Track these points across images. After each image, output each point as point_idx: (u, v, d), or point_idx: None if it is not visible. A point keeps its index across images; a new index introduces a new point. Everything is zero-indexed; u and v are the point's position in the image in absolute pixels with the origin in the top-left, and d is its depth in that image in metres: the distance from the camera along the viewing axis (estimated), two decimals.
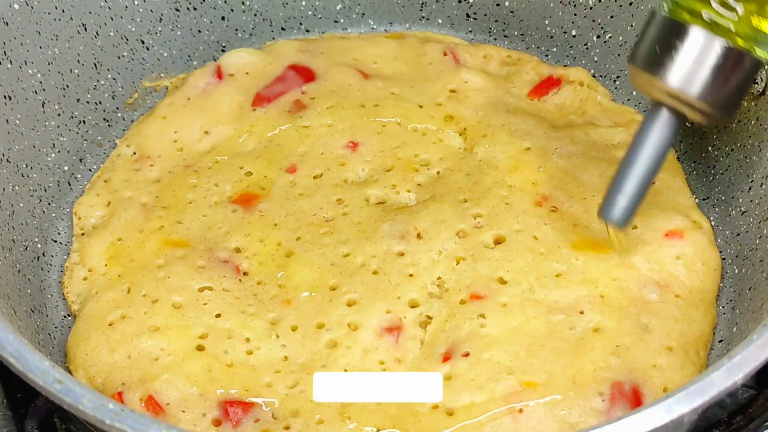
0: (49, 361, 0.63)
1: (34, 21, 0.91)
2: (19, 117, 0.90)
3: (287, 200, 0.92)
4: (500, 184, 0.93)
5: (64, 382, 0.61)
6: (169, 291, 0.84)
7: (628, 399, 0.77)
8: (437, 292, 0.85)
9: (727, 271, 0.91)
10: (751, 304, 0.84)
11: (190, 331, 0.82)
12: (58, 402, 0.61)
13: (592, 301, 0.83)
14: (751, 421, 0.81)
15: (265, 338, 0.82)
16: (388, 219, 0.90)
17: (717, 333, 0.87)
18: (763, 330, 0.65)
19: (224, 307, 0.84)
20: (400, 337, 0.82)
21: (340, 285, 0.85)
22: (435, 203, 0.91)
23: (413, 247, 0.87)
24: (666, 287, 0.85)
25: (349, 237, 0.88)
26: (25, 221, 0.90)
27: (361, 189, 0.93)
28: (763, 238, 0.86)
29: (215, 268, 0.86)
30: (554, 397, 0.77)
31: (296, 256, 0.87)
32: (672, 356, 0.80)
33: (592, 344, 0.80)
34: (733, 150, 0.93)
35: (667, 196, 0.93)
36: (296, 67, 1.03)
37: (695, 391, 0.61)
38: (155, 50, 1.05)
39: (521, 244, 0.87)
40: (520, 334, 0.81)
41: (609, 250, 0.86)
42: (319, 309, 0.83)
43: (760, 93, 0.88)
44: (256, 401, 0.78)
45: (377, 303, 0.83)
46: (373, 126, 0.98)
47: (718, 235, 0.93)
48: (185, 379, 0.78)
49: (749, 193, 0.90)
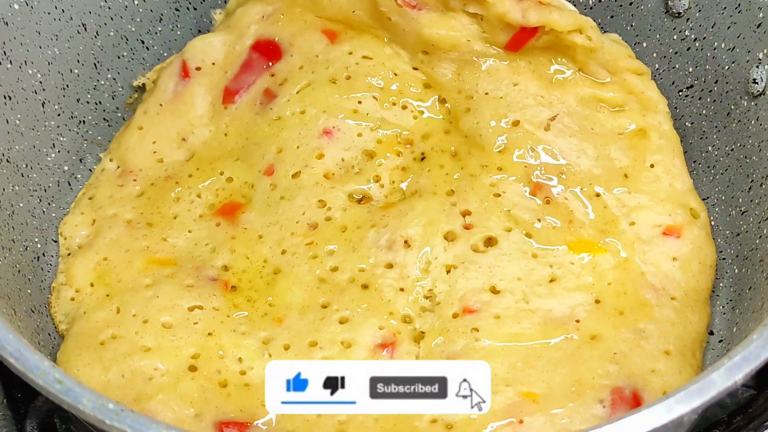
0: (49, 361, 0.63)
1: (33, 21, 0.91)
2: (19, 117, 0.90)
3: (268, 207, 0.89)
4: (489, 167, 0.89)
5: (64, 382, 0.61)
6: (159, 310, 0.83)
7: (628, 404, 0.77)
8: (429, 306, 0.83)
9: (727, 271, 0.91)
10: (751, 304, 0.84)
11: (182, 351, 0.80)
12: (58, 402, 0.61)
13: (587, 309, 0.82)
14: (751, 421, 0.80)
15: (258, 357, 0.80)
16: (374, 223, 0.86)
17: (717, 333, 0.87)
18: (762, 330, 0.65)
19: (215, 326, 0.82)
20: (395, 353, 0.80)
21: (330, 302, 0.83)
22: (421, 201, 0.87)
23: (401, 258, 0.84)
24: (662, 290, 0.85)
25: (335, 248, 0.86)
26: (24, 221, 0.90)
27: (342, 185, 0.89)
28: (763, 238, 0.86)
29: (204, 286, 0.85)
30: (554, 408, 0.76)
31: (284, 273, 0.85)
32: (670, 360, 0.80)
33: (589, 353, 0.79)
34: (733, 150, 0.92)
35: (665, 181, 0.90)
36: (260, 44, 0.97)
37: (695, 391, 0.61)
38: (155, 50, 1.05)
39: (513, 247, 0.85)
40: (516, 345, 0.80)
41: (605, 251, 0.85)
42: (311, 327, 0.82)
43: (760, 93, 0.88)
44: (252, 422, 0.76)
45: (370, 320, 0.81)
46: (348, 104, 0.93)
47: (718, 234, 0.93)
48: (180, 400, 0.77)
49: (749, 193, 0.89)
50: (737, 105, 0.91)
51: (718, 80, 0.94)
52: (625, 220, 0.88)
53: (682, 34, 0.97)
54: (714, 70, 0.94)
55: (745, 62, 0.90)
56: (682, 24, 0.97)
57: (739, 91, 0.91)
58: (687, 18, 0.96)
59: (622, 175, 0.90)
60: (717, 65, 0.93)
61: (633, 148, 0.92)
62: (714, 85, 0.94)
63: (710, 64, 0.94)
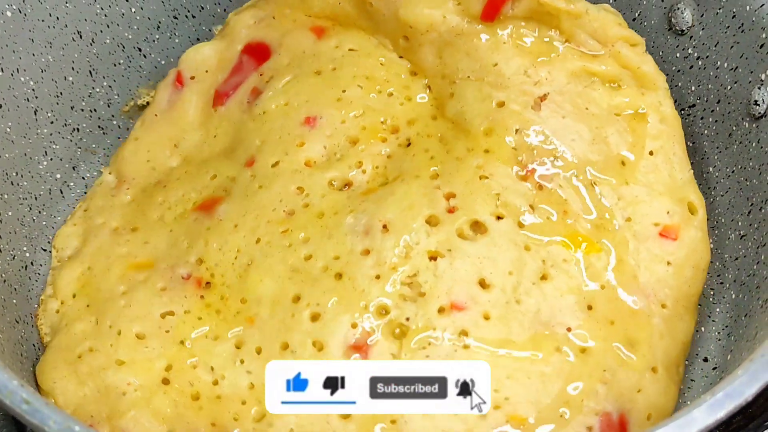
0: (18, 380, 0.62)
1: (27, 28, 0.90)
2: (10, 125, 0.89)
3: (246, 197, 0.86)
4: (475, 150, 0.84)
5: (32, 403, 0.61)
6: (131, 321, 0.82)
7: (615, 430, 0.75)
8: (410, 294, 0.78)
9: (724, 296, 0.89)
10: (746, 332, 0.82)
11: (155, 364, 0.79)
12: (25, 423, 0.61)
13: (579, 315, 0.78)
14: (751, 421, 0.79)
15: (230, 366, 0.79)
16: (352, 209, 0.82)
17: (711, 359, 0.86)
18: (748, 365, 0.64)
19: (186, 333, 0.81)
20: (369, 355, 0.76)
21: (302, 295, 0.79)
22: (403, 185, 0.83)
23: (378, 243, 0.80)
24: (653, 296, 0.82)
25: (310, 235, 0.82)
26: (13, 230, 0.89)
27: (322, 173, 0.86)
28: (761, 265, 0.84)
29: (176, 288, 0.83)
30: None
31: (256, 264, 0.82)
32: (656, 379, 0.78)
33: (579, 370, 0.76)
34: (733, 172, 0.91)
35: (665, 171, 0.86)
36: (250, 47, 0.97)
37: (675, 428, 0.60)
38: (152, 58, 1.04)
39: (505, 237, 0.80)
40: (505, 357, 0.76)
41: (600, 250, 0.82)
42: (281, 326, 0.79)
43: (762, 115, 0.86)
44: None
45: (342, 317, 0.77)
46: (332, 93, 0.90)
47: (717, 258, 0.91)
48: (152, 416, 0.76)
49: (749, 217, 0.88)
50: (739, 126, 0.90)
51: (720, 100, 0.92)
52: (621, 215, 0.84)
53: (685, 52, 0.95)
54: (716, 90, 0.92)
55: (747, 83, 0.88)
56: (685, 42, 0.95)
57: (741, 113, 0.89)
58: (690, 36, 0.94)
59: (620, 162, 0.86)
60: (719, 85, 0.92)
61: (632, 131, 0.87)
62: (716, 105, 0.93)
63: (713, 83, 0.93)
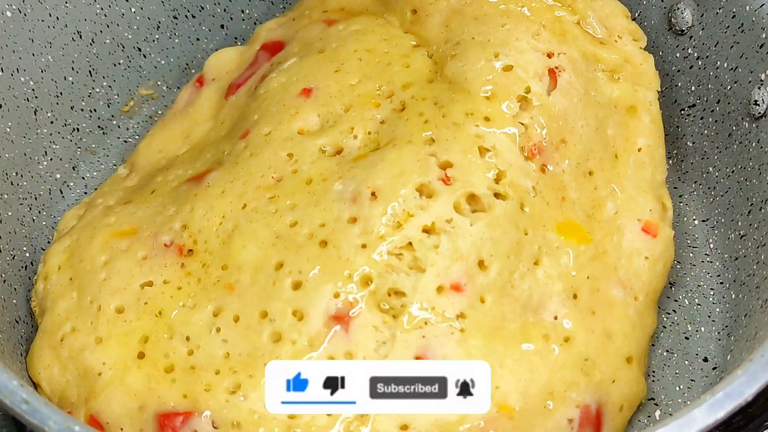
0: (18, 380, 0.62)
1: (27, 28, 0.90)
2: (9, 125, 0.89)
3: (236, 165, 0.84)
4: (474, 116, 0.81)
5: (31, 403, 0.61)
6: (111, 294, 0.80)
7: (592, 424, 0.76)
8: (397, 264, 0.75)
9: (724, 296, 0.89)
10: (745, 332, 0.82)
11: (131, 338, 0.78)
12: (24, 422, 0.61)
13: (566, 303, 0.79)
14: (751, 421, 0.79)
15: (205, 334, 0.76)
16: (341, 175, 0.79)
17: (711, 359, 0.86)
18: (748, 366, 0.64)
19: (165, 303, 0.79)
20: (351, 327, 0.74)
21: (285, 262, 0.77)
22: (394, 150, 0.79)
23: (366, 211, 0.76)
24: (629, 288, 0.83)
25: (297, 201, 0.79)
26: (13, 230, 0.89)
27: (314, 140, 0.83)
28: (761, 264, 0.84)
29: (157, 256, 0.81)
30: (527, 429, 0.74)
31: (240, 229, 0.79)
32: (630, 370, 0.79)
33: (564, 359, 0.77)
34: (733, 172, 0.91)
35: (649, 170, 0.87)
36: (267, 45, 0.97)
37: (675, 428, 0.60)
38: (152, 58, 1.04)
39: (508, 218, 0.78)
40: (497, 342, 0.75)
41: (590, 241, 0.81)
42: (262, 293, 0.76)
43: (761, 115, 0.86)
44: (192, 411, 0.73)
45: (324, 286, 0.75)
46: (331, 67, 0.88)
47: (717, 258, 0.91)
48: (124, 395, 0.75)
49: (748, 217, 0.88)
50: (738, 126, 0.90)
51: (720, 100, 0.92)
52: (611, 207, 0.84)
53: (685, 52, 0.95)
54: (716, 90, 0.92)
55: (747, 83, 0.88)
56: (685, 42, 0.95)
57: (741, 113, 0.89)
58: (690, 36, 0.94)
59: (614, 155, 0.86)
60: (719, 85, 0.92)
61: (625, 125, 0.87)
62: (716, 105, 0.93)
63: (712, 83, 0.93)
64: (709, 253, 0.92)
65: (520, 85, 0.82)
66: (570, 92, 0.84)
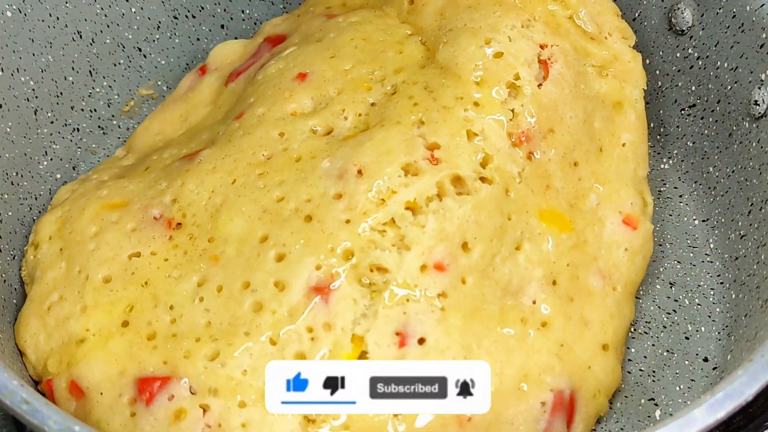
0: (18, 380, 0.62)
1: (27, 28, 0.90)
2: (10, 125, 0.89)
3: (228, 142, 0.86)
4: (464, 100, 0.82)
5: (32, 403, 0.61)
6: (99, 264, 0.81)
7: (565, 409, 0.77)
8: (379, 241, 0.76)
9: (724, 296, 0.89)
10: (746, 332, 0.82)
11: (116, 307, 0.79)
12: (24, 422, 0.61)
13: (544, 289, 0.80)
14: (751, 421, 0.79)
15: (188, 303, 0.77)
16: (330, 153, 0.81)
17: (711, 359, 0.86)
18: (748, 366, 0.64)
19: (151, 274, 0.80)
20: (331, 299, 0.75)
21: (270, 235, 0.78)
22: (382, 131, 0.81)
23: (352, 188, 0.78)
24: (608, 278, 0.84)
25: (285, 177, 0.81)
26: (13, 230, 0.89)
27: (305, 120, 0.85)
28: (761, 264, 0.84)
29: (146, 229, 0.83)
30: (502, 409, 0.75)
31: (228, 203, 0.81)
32: (605, 357, 0.81)
33: (540, 343, 0.78)
34: (734, 172, 0.91)
35: (632, 164, 0.89)
36: (270, 38, 0.99)
37: (675, 428, 0.60)
38: (152, 58, 1.04)
39: (493, 202, 0.79)
40: (476, 322, 0.76)
41: (572, 229, 0.83)
42: (246, 265, 0.77)
43: (762, 115, 0.86)
44: (171, 376, 0.74)
45: (306, 258, 0.76)
46: (327, 54, 0.90)
47: (717, 258, 0.91)
48: (105, 360, 0.76)
49: (749, 217, 0.88)
50: (739, 126, 0.90)
51: (720, 100, 0.92)
52: (594, 198, 0.86)
53: (685, 52, 0.95)
54: (716, 90, 0.92)
55: (747, 83, 0.88)
56: (685, 42, 0.95)
57: (741, 113, 0.89)
58: (690, 36, 0.94)
59: (599, 147, 0.88)
60: (719, 85, 0.92)
61: (611, 120, 0.89)
62: (716, 105, 0.93)
63: (713, 83, 0.93)
64: (710, 253, 0.92)
65: (510, 72, 0.84)
66: (561, 83, 0.85)
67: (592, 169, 0.87)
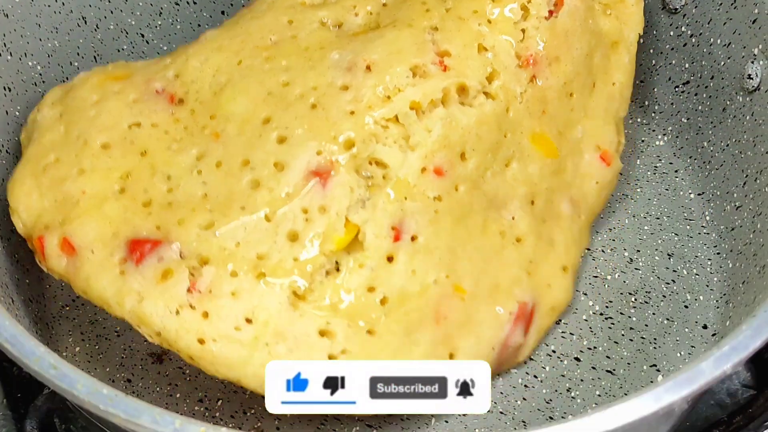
0: (45, 348, 0.64)
1: (34, 13, 0.91)
2: (18, 108, 0.90)
3: (236, 24, 0.87)
4: (480, 13, 0.83)
5: (59, 368, 0.62)
6: (99, 131, 0.82)
7: (525, 320, 0.83)
8: (382, 135, 0.77)
9: (721, 265, 0.91)
10: (744, 298, 0.84)
11: (113, 174, 0.79)
12: (53, 387, 0.62)
13: (524, 207, 0.84)
14: (751, 421, 0.81)
15: (186, 175, 0.78)
16: (339, 46, 0.82)
17: (710, 326, 0.88)
18: (751, 321, 0.66)
19: (150, 144, 0.81)
20: (328, 184, 0.76)
21: (273, 118, 0.79)
22: (394, 30, 0.82)
23: (359, 81, 0.79)
24: (577, 206, 0.89)
25: (292, 64, 0.82)
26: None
27: (315, 10, 0.86)
28: (757, 233, 0.86)
29: (147, 101, 0.83)
30: (473, 310, 0.79)
31: (233, 83, 0.82)
32: (564, 278, 0.86)
33: (513, 257, 0.83)
34: (728, 146, 0.93)
35: (616, 104, 0.92)
36: None
37: (684, 380, 0.62)
38: (155, 44, 1.06)
39: (494, 118, 0.81)
40: (462, 228, 0.80)
41: (557, 156, 0.86)
42: (247, 144, 0.78)
43: (755, 88, 0.88)
44: (162, 240, 0.75)
45: (309, 142, 0.77)
46: None
47: (713, 230, 0.94)
48: (99, 221, 0.77)
49: (744, 188, 0.90)
50: (732, 101, 0.92)
51: (713, 76, 0.94)
52: (580, 130, 0.89)
53: (678, 30, 0.98)
54: (710, 66, 0.95)
55: (740, 58, 0.90)
56: (678, 20, 0.97)
57: (735, 87, 0.91)
58: (684, 14, 0.97)
59: (593, 83, 0.90)
60: (713, 61, 0.94)
61: (607, 58, 0.91)
62: (710, 81, 0.95)
63: (706, 60, 0.95)
64: (706, 225, 0.95)
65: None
66: (574, 15, 0.87)
67: (584, 103, 0.89)
